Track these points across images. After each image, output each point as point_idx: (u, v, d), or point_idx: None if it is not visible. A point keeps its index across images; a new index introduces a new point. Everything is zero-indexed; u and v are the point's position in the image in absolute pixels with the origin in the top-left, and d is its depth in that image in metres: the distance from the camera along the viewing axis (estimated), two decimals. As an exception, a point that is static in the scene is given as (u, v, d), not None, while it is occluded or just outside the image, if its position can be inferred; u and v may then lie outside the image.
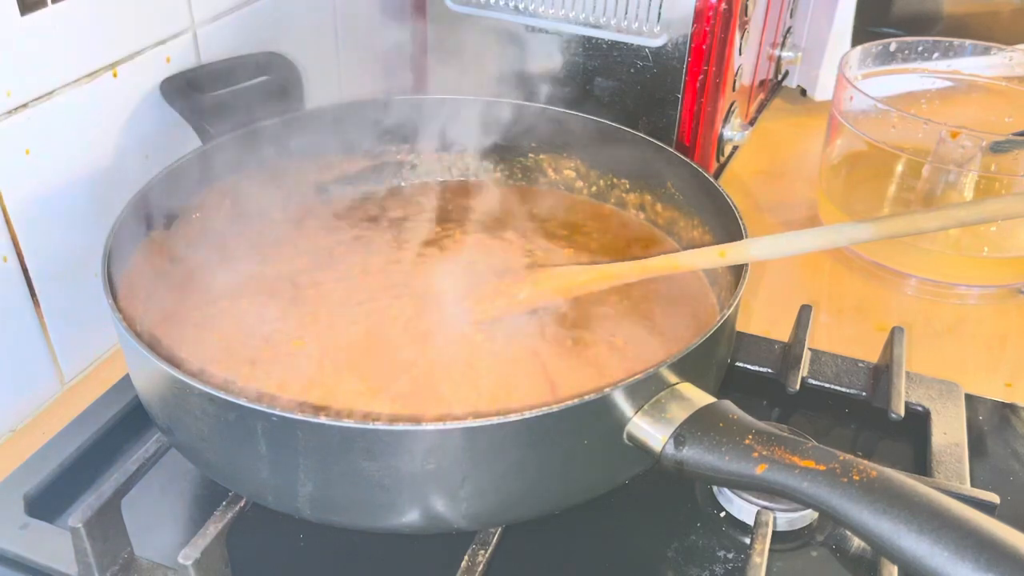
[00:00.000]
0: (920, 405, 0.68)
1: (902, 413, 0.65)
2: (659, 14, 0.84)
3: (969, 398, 0.70)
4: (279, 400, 0.57)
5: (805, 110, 1.21)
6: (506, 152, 0.83)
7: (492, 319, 0.63)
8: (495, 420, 0.45)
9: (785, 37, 1.13)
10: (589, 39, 0.88)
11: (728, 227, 0.64)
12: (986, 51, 0.96)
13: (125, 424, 0.66)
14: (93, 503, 0.54)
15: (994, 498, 0.59)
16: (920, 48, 0.98)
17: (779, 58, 1.13)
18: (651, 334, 0.64)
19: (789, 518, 0.60)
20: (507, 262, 0.70)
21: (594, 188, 0.81)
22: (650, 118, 0.88)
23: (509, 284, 0.65)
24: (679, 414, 0.49)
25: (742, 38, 0.90)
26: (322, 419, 0.45)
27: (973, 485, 0.62)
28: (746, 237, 0.60)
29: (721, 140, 0.94)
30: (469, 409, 0.55)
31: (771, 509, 0.58)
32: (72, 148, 0.69)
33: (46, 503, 0.60)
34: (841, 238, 0.57)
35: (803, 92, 1.22)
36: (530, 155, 0.82)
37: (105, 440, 0.65)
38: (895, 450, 0.68)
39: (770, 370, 0.72)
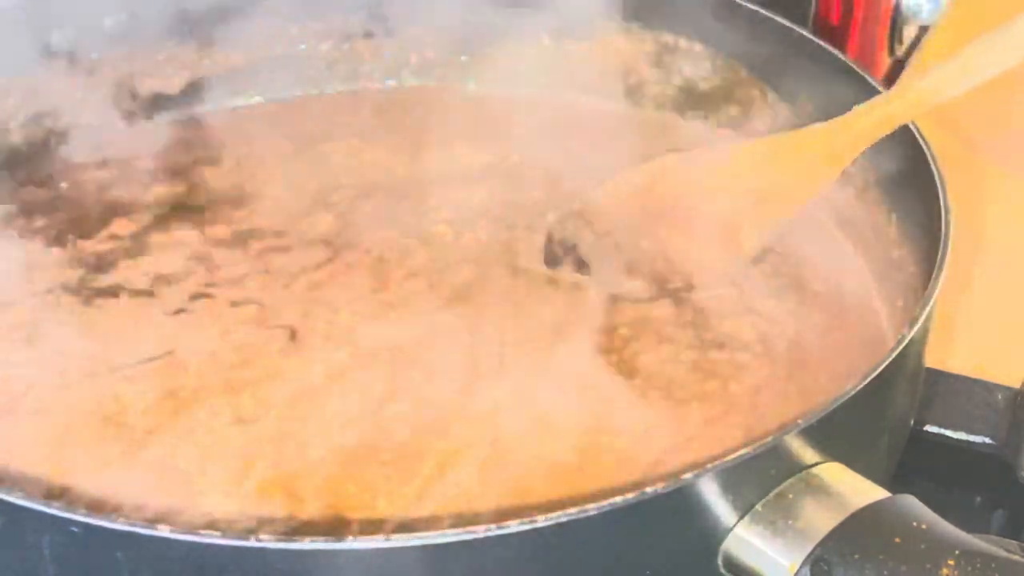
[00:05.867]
0: None
1: None
2: None
3: None
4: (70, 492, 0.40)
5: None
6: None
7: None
8: (478, 531, 0.33)
9: None
10: None
11: (907, 169, 0.49)
12: None
13: None
14: None
15: None
16: None
17: None
18: (767, 368, 0.49)
19: None
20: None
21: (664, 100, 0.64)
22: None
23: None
24: (821, 520, 0.38)
25: None
26: (163, 531, 0.33)
27: None
28: (941, 186, 0.44)
29: (898, 15, 0.75)
30: (430, 503, 0.42)
31: None
32: None
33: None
34: None
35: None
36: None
37: None
38: None
39: (988, 439, 0.58)
